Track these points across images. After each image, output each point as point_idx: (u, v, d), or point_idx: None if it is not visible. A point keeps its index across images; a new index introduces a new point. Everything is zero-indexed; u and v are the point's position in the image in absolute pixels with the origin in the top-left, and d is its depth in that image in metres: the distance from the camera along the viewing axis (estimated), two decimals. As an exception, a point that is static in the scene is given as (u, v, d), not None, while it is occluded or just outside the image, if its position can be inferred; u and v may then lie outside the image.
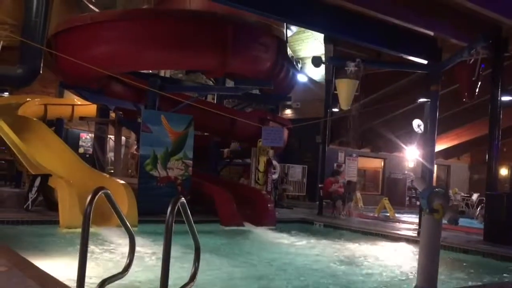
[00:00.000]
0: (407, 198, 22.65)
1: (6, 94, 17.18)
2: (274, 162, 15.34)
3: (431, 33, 10.19)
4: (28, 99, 16.27)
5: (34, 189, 10.05)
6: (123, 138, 16.96)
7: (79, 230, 3.12)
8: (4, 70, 10.78)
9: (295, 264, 7.42)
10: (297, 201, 19.47)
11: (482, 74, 10.18)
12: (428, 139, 11.02)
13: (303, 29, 18.98)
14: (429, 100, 11.10)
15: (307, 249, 9.03)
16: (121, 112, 15.18)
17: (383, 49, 11.00)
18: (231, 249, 8.62)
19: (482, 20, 9.64)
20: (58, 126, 17.20)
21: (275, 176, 15.67)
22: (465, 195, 21.20)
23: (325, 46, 16.67)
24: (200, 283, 3.16)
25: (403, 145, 18.95)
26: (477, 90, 10.23)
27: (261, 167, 14.51)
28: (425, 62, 10.87)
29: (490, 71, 10.51)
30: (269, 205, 12.16)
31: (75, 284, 3.09)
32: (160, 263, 2.85)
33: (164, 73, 18.32)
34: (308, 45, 20.99)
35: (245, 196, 12.46)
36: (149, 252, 7.03)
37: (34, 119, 14.63)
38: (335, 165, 19.06)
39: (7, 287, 3.91)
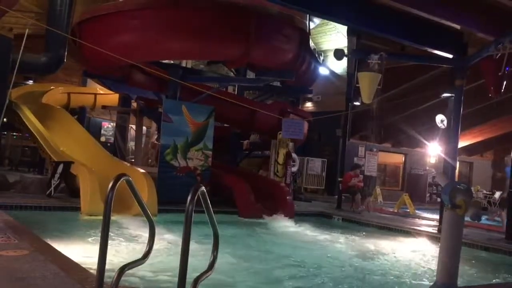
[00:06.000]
0: (427, 195, 22.38)
1: (30, 82, 17.49)
2: (294, 155, 15.29)
3: (458, 27, 9.99)
4: (52, 88, 16.54)
5: (57, 176, 10.20)
6: (144, 127, 17.11)
7: (100, 217, 3.14)
8: (29, 58, 10.90)
9: (312, 257, 7.39)
10: (316, 194, 19.40)
11: (509, 70, 9.95)
12: (451, 135, 10.83)
13: (326, 21, 18.80)
14: (453, 95, 10.90)
15: (325, 242, 8.99)
16: (142, 102, 15.30)
17: (408, 42, 10.81)
18: (248, 241, 8.63)
19: (510, 14, 9.40)
20: (80, 114, 17.42)
21: (294, 169, 15.62)
22: (487, 192, 20.84)
23: (348, 39, 16.49)
24: (216, 273, 3.16)
25: (425, 141, 18.68)
26: (503, 85, 10.01)
27: (281, 159, 14.48)
28: (450, 56, 10.67)
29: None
30: (287, 197, 12.15)
31: (95, 269, 3.12)
32: (178, 251, 2.85)
33: (186, 63, 18.38)
34: (331, 38, 20.79)
35: (264, 188, 12.47)
36: (168, 240, 7.09)
37: (58, 107, 14.86)
38: (355, 159, 18.92)
39: (30, 270, 3.98)
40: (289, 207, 11.80)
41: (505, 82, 9.96)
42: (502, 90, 10.17)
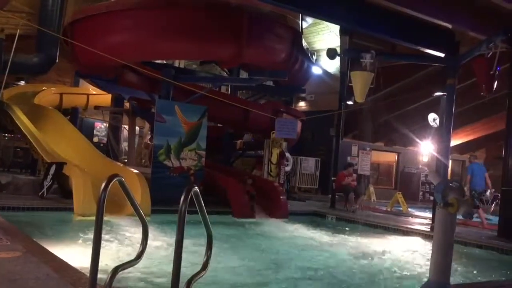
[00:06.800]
0: (420, 193, 22.48)
1: (22, 82, 17.39)
2: (287, 154, 15.30)
3: (449, 26, 10.04)
4: (44, 88, 16.46)
5: (49, 176, 10.14)
6: (137, 128, 17.06)
7: (93, 218, 3.13)
8: (20, 59, 10.85)
9: (306, 256, 7.41)
10: (310, 194, 19.43)
11: (501, 69, 10.02)
12: (443, 133, 10.89)
13: (318, 21, 18.83)
14: (446, 94, 10.96)
15: (319, 241, 9.01)
16: (135, 102, 15.25)
17: (400, 42, 10.87)
18: (242, 241, 8.63)
19: (501, 13, 9.47)
20: (73, 115, 17.35)
21: (288, 168, 15.64)
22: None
23: (340, 38, 16.54)
24: (209, 273, 3.16)
25: (417, 139, 18.77)
26: (495, 84, 10.07)
27: (274, 159, 14.49)
28: (442, 55, 10.73)
29: (508, 65, 10.34)
30: (281, 197, 12.14)
31: (88, 270, 3.11)
32: (172, 252, 2.85)
33: (178, 63, 18.35)
34: (323, 37, 20.82)
35: (257, 188, 12.45)
36: (161, 241, 7.07)
37: (50, 107, 14.78)
38: (348, 158, 18.96)
39: (22, 272, 3.96)
40: (283, 207, 11.80)
41: (496, 81, 10.02)
42: (494, 89, 10.24)
